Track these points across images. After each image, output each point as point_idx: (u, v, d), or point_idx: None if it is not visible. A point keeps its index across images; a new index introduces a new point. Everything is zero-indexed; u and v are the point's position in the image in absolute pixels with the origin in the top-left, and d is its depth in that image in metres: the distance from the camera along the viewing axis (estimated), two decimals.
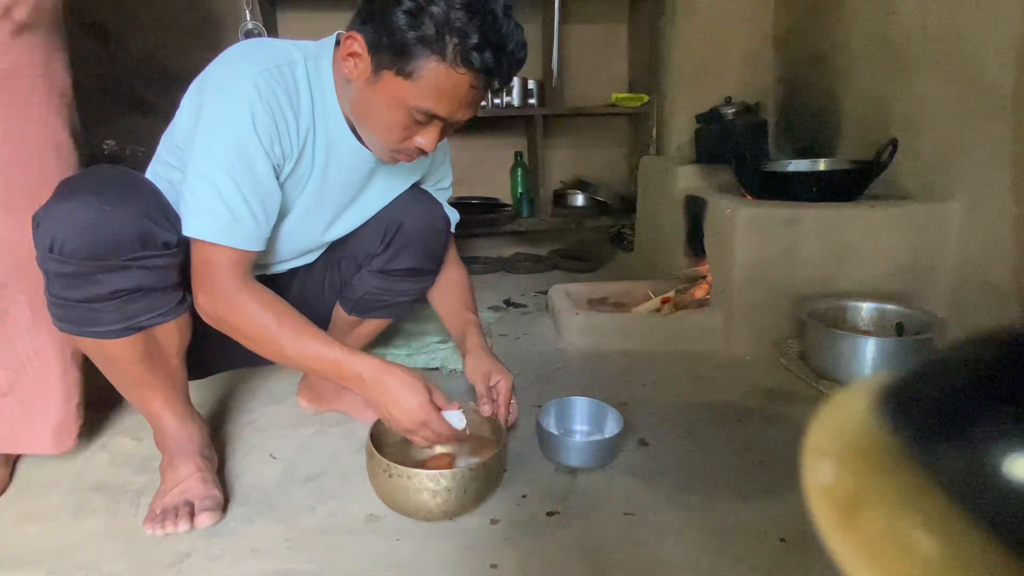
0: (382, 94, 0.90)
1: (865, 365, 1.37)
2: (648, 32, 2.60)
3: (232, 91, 0.90)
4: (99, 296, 0.89)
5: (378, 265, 1.20)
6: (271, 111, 0.91)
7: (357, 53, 0.90)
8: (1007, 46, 1.40)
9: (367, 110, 0.94)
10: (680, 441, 1.22)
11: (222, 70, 0.93)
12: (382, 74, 0.89)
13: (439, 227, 1.21)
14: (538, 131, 2.59)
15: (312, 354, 0.94)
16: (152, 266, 0.91)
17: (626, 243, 2.72)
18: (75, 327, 0.93)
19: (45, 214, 0.86)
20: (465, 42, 0.84)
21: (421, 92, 0.88)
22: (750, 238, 1.62)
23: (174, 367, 1.03)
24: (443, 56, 0.85)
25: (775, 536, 0.94)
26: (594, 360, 1.63)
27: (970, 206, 1.54)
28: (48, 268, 0.88)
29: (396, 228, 1.17)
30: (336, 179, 1.06)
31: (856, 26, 1.92)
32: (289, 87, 0.94)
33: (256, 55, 0.93)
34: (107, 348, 0.95)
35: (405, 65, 0.86)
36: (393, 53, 0.86)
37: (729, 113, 2.12)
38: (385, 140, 0.96)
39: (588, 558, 0.91)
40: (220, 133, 0.89)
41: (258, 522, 1.00)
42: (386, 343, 1.65)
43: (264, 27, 2.32)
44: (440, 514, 0.97)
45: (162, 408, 1.05)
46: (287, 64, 0.94)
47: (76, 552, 0.94)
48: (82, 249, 0.85)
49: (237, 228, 0.91)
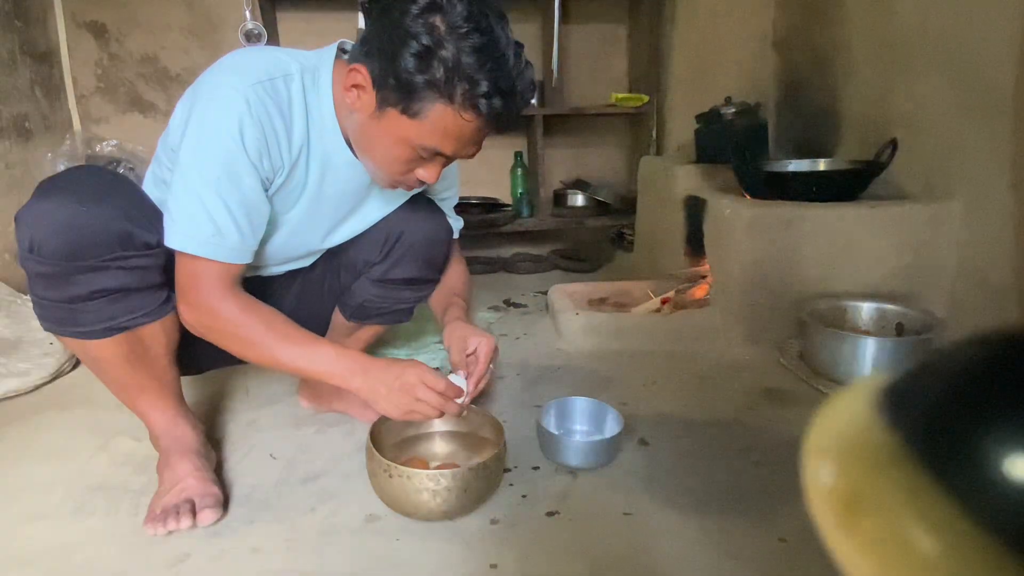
0: (386, 130, 0.89)
1: (865, 365, 1.37)
2: (648, 32, 2.60)
3: (222, 102, 0.88)
4: (79, 296, 0.89)
5: (378, 274, 1.19)
6: (260, 125, 0.89)
7: (361, 86, 0.89)
8: (1007, 46, 1.40)
9: (369, 142, 0.93)
10: (680, 441, 1.22)
11: (214, 79, 0.91)
12: (387, 111, 0.88)
13: (440, 237, 1.20)
14: (538, 131, 2.59)
15: (303, 357, 0.93)
16: (132, 266, 0.91)
17: (626, 243, 2.72)
18: (57, 327, 0.93)
19: (24, 214, 0.86)
20: (475, 89, 0.83)
21: (426, 132, 0.87)
22: (750, 238, 1.62)
23: (162, 367, 1.03)
24: (451, 100, 0.84)
25: (775, 536, 0.94)
26: (594, 360, 1.63)
27: (970, 206, 1.54)
28: (28, 268, 0.88)
29: (397, 238, 1.16)
30: (332, 192, 1.05)
31: (856, 26, 1.92)
32: (282, 101, 0.92)
33: (250, 66, 0.91)
34: (91, 349, 0.95)
35: (411, 105, 0.85)
36: (399, 92, 0.85)
37: (729, 113, 2.12)
38: (387, 172, 0.95)
39: (588, 558, 0.91)
40: (207, 145, 0.88)
41: (258, 522, 1.00)
42: (386, 344, 1.65)
43: (264, 27, 2.32)
44: (440, 514, 0.96)
45: (153, 408, 1.05)
46: (281, 77, 0.92)
47: (76, 552, 0.94)
48: (60, 249, 0.85)
49: (221, 241, 0.90)
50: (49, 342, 1.57)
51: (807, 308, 1.51)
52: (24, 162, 2.02)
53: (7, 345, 1.55)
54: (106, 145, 2.33)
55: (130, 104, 2.44)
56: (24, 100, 2.06)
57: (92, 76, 2.38)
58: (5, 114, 1.94)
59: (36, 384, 1.49)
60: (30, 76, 2.10)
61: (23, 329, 1.62)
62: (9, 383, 1.44)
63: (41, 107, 2.16)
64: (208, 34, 2.42)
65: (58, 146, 2.21)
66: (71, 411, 1.38)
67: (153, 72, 2.42)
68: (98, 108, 2.41)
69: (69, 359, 1.58)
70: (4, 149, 1.93)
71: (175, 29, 2.41)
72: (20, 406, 1.42)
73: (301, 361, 0.94)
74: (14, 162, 1.97)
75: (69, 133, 2.29)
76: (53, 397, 1.46)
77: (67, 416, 1.36)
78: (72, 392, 1.48)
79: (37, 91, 2.14)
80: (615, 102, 2.62)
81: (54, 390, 1.50)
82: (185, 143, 0.89)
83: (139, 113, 2.44)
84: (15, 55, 2.02)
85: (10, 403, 1.43)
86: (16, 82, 2.02)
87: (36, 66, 2.14)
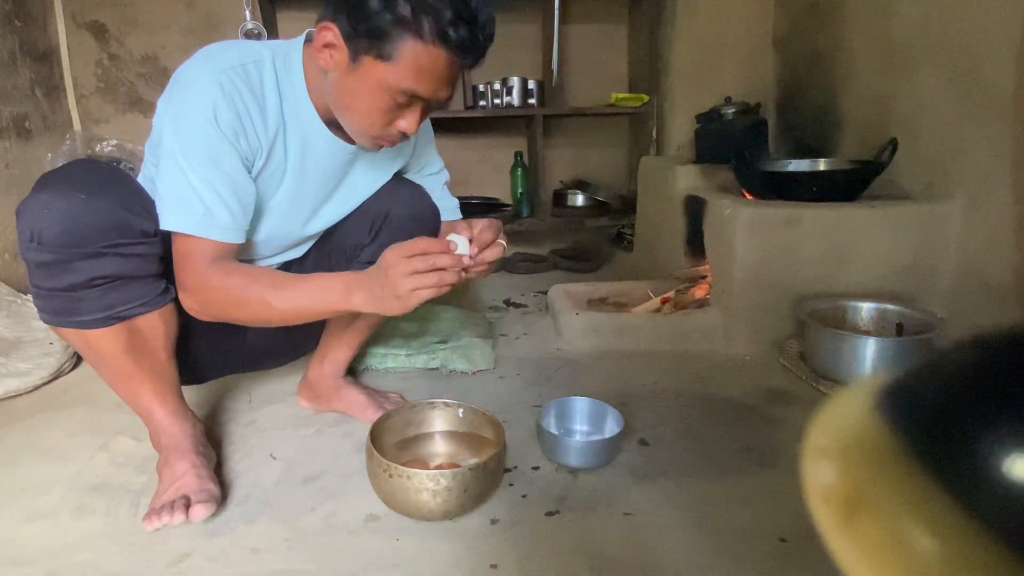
0: (363, 80, 0.91)
1: (865, 365, 1.37)
2: (648, 32, 2.60)
3: (196, 88, 0.92)
4: (77, 284, 0.91)
5: (367, 256, 1.19)
6: (235, 107, 0.93)
7: (332, 43, 0.92)
8: (1007, 46, 1.40)
9: (348, 98, 0.95)
10: (680, 441, 1.22)
11: (188, 69, 0.95)
12: (361, 60, 0.90)
13: (427, 215, 1.20)
14: (538, 131, 2.59)
15: (296, 298, 0.94)
16: (130, 254, 0.93)
17: (626, 243, 2.72)
18: (57, 317, 0.94)
19: (25, 206, 0.88)
20: (440, 18, 0.86)
21: (402, 73, 0.89)
22: (750, 238, 1.62)
23: (162, 361, 1.04)
24: (420, 35, 0.87)
25: (775, 536, 0.94)
26: (594, 360, 1.63)
27: (970, 206, 1.54)
28: (29, 258, 0.89)
29: (383, 218, 1.18)
30: (315, 171, 1.08)
31: (856, 26, 1.92)
32: (254, 85, 0.96)
33: (222, 55, 0.95)
34: (90, 339, 0.96)
35: (383, 48, 0.88)
36: (370, 38, 0.88)
37: (729, 113, 2.12)
38: (368, 126, 0.97)
39: (588, 558, 0.91)
40: (187, 130, 0.91)
41: (258, 522, 1.00)
42: (385, 343, 1.65)
43: (264, 27, 2.32)
44: (440, 514, 0.97)
45: (153, 403, 1.06)
46: (253, 63, 0.96)
47: (76, 552, 0.94)
48: (59, 237, 0.87)
49: (212, 220, 0.93)
50: (49, 342, 1.57)
51: (807, 308, 1.51)
52: (24, 162, 2.02)
53: (7, 345, 1.55)
54: (106, 145, 2.33)
55: (130, 104, 2.43)
56: (24, 100, 2.06)
57: (92, 76, 2.38)
58: (5, 114, 1.94)
59: (36, 384, 1.49)
60: (30, 76, 2.10)
61: (23, 329, 1.62)
62: (9, 383, 1.44)
63: (41, 107, 2.16)
64: (208, 34, 2.42)
65: (58, 146, 2.21)
66: (71, 411, 1.38)
67: (153, 72, 2.42)
68: (98, 108, 2.41)
69: (69, 359, 1.58)
70: (4, 149, 1.93)
71: (175, 29, 2.41)
72: (20, 406, 1.42)
73: (297, 302, 0.95)
74: (14, 162, 1.97)
75: (69, 133, 2.29)
76: (53, 397, 1.46)
77: (67, 416, 1.36)
78: (72, 392, 1.48)
79: (37, 91, 2.14)
80: (615, 102, 2.62)
81: (54, 390, 1.50)
82: (166, 131, 0.92)
83: (139, 113, 2.44)
84: (15, 55, 2.02)
85: (10, 403, 1.43)
86: (16, 82, 2.02)
87: (36, 66, 2.14)
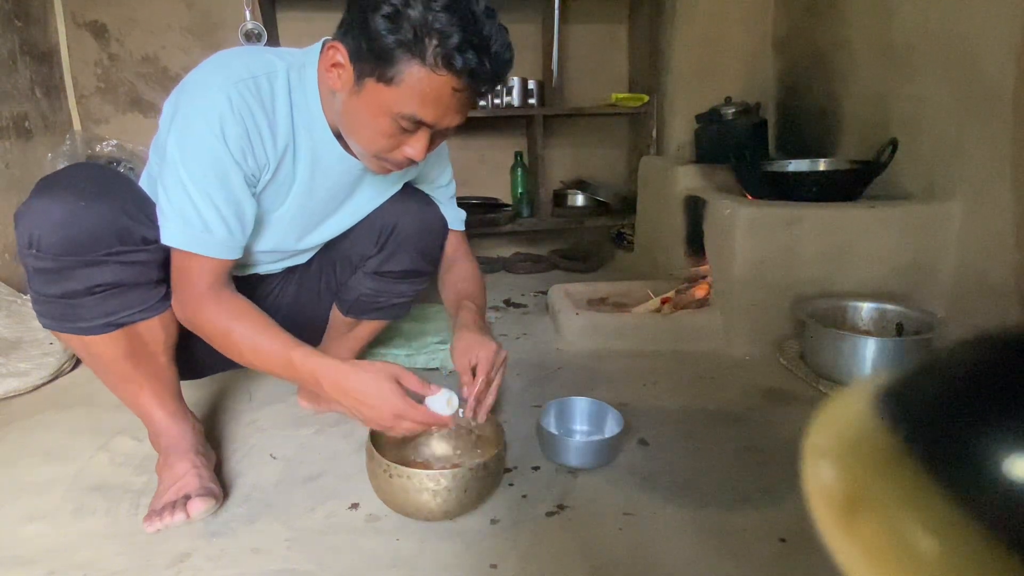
0: (366, 102, 0.88)
1: (865, 365, 1.37)
2: (648, 32, 2.59)
3: (203, 100, 0.89)
4: (77, 291, 0.90)
5: (373, 267, 1.20)
6: (242, 122, 0.90)
7: (340, 63, 0.89)
8: (1007, 46, 1.40)
9: (353, 120, 0.93)
10: (680, 441, 1.22)
11: (198, 77, 0.92)
12: (364, 82, 0.87)
13: (435, 228, 1.20)
14: (538, 131, 2.59)
15: (266, 354, 0.91)
16: (130, 261, 0.92)
17: (626, 243, 2.72)
18: (57, 323, 0.94)
19: (23, 210, 0.87)
20: (445, 43, 0.82)
21: (404, 98, 0.86)
22: (750, 238, 1.62)
23: (161, 364, 1.04)
24: (423, 59, 0.83)
25: (775, 536, 0.94)
26: (594, 360, 1.63)
27: (970, 206, 1.54)
28: (27, 264, 0.89)
29: (391, 230, 1.16)
30: (323, 187, 1.05)
31: (856, 26, 1.92)
32: (264, 99, 0.93)
33: (234, 65, 0.92)
34: (91, 345, 0.96)
35: (386, 71, 0.85)
36: (374, 60, 0.85)
37: (729, 113, 2.12)
38: (372, 150, 0.94)
39: (588, 558, 0.91)
40: (192, 143, 0.89)
41: (258, 522, 1.00)
42: (385, 344, 1.65)
43: (264, 27, 2.31)
44: (440, 514, 0.96)
45: (152, 406, 1.05)
46: (265, 75, 0.93)
47: (76, 552, 0.94)
48: (58, 244, 0.86)
49: (209, 237, 0.91)
50: (49, 342, 1.57)
51: (807, 308, 1.51)
52: (24, 162, 2.02)
53: (7, 345, 1.55)
54: (106, 145, 2.33)
55: (130, 104, 2.43)
56: (24, 100, 2.06)
57: (92, 76, 2.37)
58: (5, 114, 1.94)
59: (36, 384, 1.48)
60: (30, 76, 2.10)
61: (23, 329, 1.62)
62: (9, 383, 1.44)
63: (41, 107, 2.16)
64: (208, 34, 2.42)
65: (58, 146, 2.21)
66: (71, 411, 1.38)
67: (153, 72, 2.42)
68: (98, 108, 2.41)
69: (69, 359, 1.58)
70: (4, 149, 1.93)
71: (175, 29, 2.41)
72: (20, 406, 1.42)
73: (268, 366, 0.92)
74: (14, 162, 1.97)
75: (69, 133, 2.29)
76: (53, 397, 1.46)
77: (67, 416, 1.36)
78: (72, 392, 1.48)
79: (37, 91, 2.14)
80: (615, 102, 2.62)
81: (54, 390, 1.50)
82: (171, 141, 0.90)
83: (139, 113, 2.44)
84: (15, 55, 2.02)
85: (10, 403, 1.43)
86: (16, 82, 2.02)
87: (36, 66, 2.14)
